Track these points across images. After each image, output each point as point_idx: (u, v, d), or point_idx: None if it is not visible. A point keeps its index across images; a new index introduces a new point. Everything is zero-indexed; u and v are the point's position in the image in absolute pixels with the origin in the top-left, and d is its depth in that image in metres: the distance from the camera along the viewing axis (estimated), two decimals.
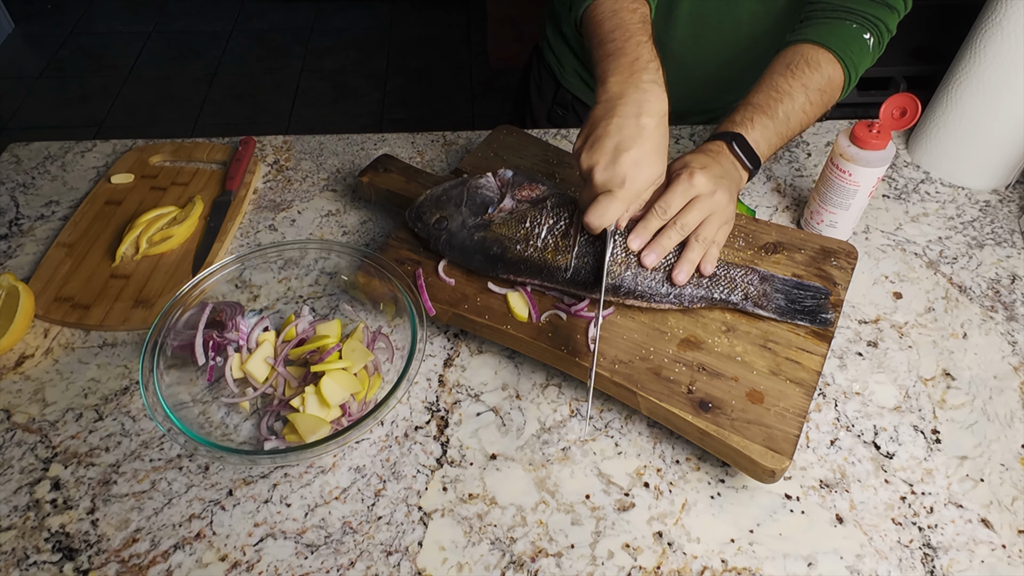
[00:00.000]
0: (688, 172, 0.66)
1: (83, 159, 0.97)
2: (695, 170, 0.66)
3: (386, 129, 2.45)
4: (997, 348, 0.76)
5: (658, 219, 0.66)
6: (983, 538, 0.61)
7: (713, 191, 0.66)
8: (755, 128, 0.73)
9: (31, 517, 0.61)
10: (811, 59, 0.77)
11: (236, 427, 0.66)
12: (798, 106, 0.75)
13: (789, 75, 0.76)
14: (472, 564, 0.59)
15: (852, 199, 0.79)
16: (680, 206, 0.66)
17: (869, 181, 0.77)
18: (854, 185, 0.77)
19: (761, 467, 0.58)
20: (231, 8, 3.20)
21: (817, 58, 0.77)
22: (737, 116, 0.75)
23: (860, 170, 0.76)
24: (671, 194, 0.65)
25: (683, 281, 0.66)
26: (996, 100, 0.86)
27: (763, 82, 0.77)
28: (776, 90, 0.75)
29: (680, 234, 0.66)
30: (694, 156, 0.70)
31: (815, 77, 0.76)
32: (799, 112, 0.76)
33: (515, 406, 0.70)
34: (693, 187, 0.65)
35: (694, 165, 0.67)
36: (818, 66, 0.77)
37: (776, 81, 0.76)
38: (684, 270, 0.66)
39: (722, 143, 0.73)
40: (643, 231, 0.66)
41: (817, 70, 0.77)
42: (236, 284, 0.78)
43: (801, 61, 0.77)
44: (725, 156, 0.72)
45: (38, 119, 2.60)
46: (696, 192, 0.65)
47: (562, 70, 1.12)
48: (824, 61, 0.77)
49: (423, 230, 0.73)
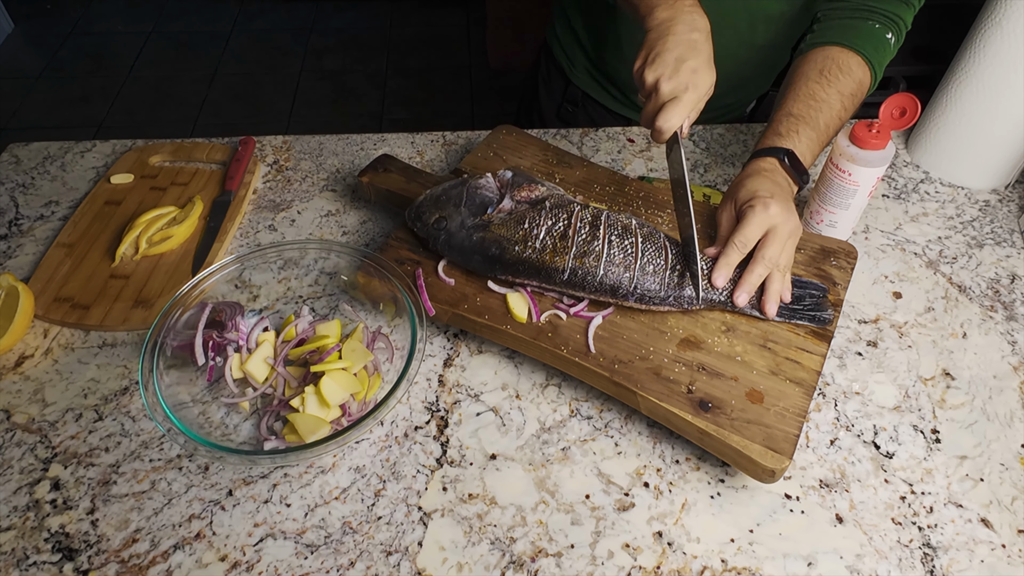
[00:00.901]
0: (762, 204, 0.67)
1: (83, 159, 0.97)
2: (768, 200, 0.67)
3: (386, 129, 2.45)
4: (997, 348, 0.76)
5: (738, 253, 0.67)
6: (983, 538, 0.61)
7: (787, 219, 0.67)
8: (801, 141, 0.74)
9: (31, 517, 0.61)
10: (842, 64, 0.78)
11: (236, 427, 0.66)
12: (835, 114, 0.77)
13: (824, 82, 0.77)
14: (472, 564, 0.59)
15: (852, 199, 0.79)
16: (758, 237, 0.67)
17: (869, 181, 0.77)
18: (854, 185, 0.77)
19: (761, 467, 0.58)
20: (231, 8, 3.20)
21: (848, 62, 0.78)
22: (782, 128, 0.75)
23: (860, 170, 0.76)
24: (748, 227, 0.67)
25: (772, 313, 0.67)
26: (996, 100, 0.86)
27: (798, 89, 0.78)
28: (814, 99, 0.76)
29: (766, 268, 0.67)
30: (757, 182, 0.70)
31: (848, 83, 0.77)
32: (836, 120, 0.77)
33: (515, 406, 0.70)
34: (769, 217, 0.67)
35: (763, 194, 0.68)
36: (849, 71, 0.78)
37: (813, 89, 0.77)
38: (773, 301, 0.67)
39: (774, 160, 0.74)
40: (725, 267, 0.67)
41: (849, 75, 0.78)
42: (236, 284, 0.78)
43: (833, 66, 0.78)
44: (780, 174, 0.73)
45: (38, 119, 2.60)
46: (772, 223, 0.67)
47: (572, 67, 1.12)
48: (855, 65, 0.78)
49: (422, 230, 0.73)
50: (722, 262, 0.67)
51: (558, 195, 0.72)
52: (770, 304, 0.67)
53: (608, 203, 0.81)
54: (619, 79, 1.07)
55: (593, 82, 1.10)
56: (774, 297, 0.67)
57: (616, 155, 0.98)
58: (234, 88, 2.76)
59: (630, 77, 1.06)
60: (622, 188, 0.83)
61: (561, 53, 1.13)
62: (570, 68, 1.12)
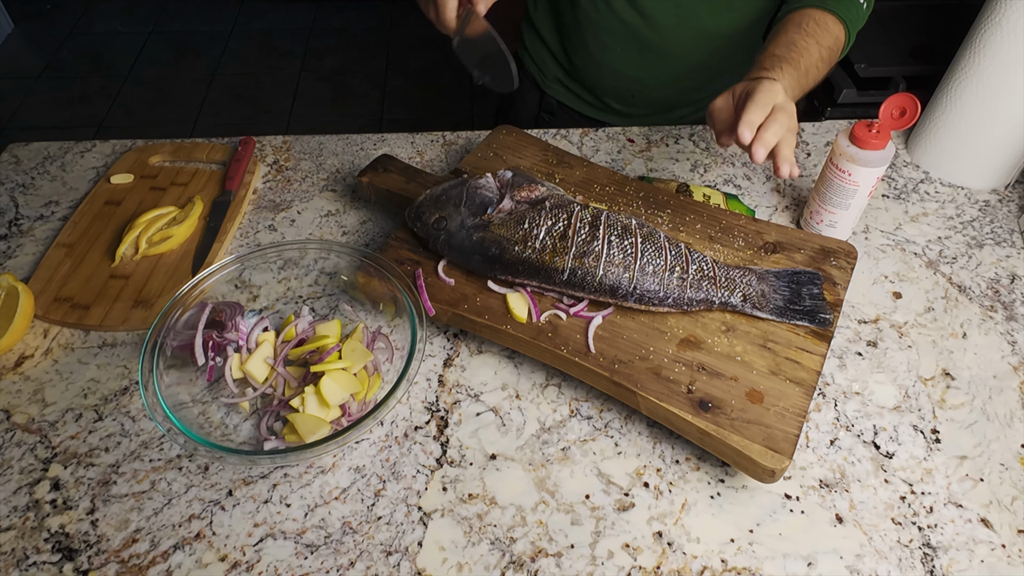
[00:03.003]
0: (769, 81, 0.68)
1: (83, 159, 0.97)
2: (774, 81, 0.68)
3: (386, 129, 2.45)
4: (997, 348, 0.76)
5: (761, 112, 0.65)
6: (983, 538, 0.61)
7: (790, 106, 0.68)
8: (785, 76, 0.74)
9: (31, 517, 0.61)
10: (819, 20, 0.80)
11: (236, 427, 0.66)
12: (814, 61, 0.78)
13: (804, 34, 0.79)
14: (472, 564, 0.59)
15: (852, 199, 0.79)
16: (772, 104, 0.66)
17: (869, 181, 0.77)
18: (854, 185, 0.77)
19: (761, 467, 0.58)
20: (231, 8, 3.20)
21: (824, 20, 0.80)
22: (766, 64, 0.76)
23: (860, 170, 0.76)
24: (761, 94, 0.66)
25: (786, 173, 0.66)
26: (996, 100, 0.86)
27: (779, 38, 0.79)
28: (795, 45, 0.77)
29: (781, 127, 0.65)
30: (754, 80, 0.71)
31: (826, 36, 0.79)
32: (815, 68, 0.78)
33: (515, 406, 0.70)
34: (776, 94, 0.67)
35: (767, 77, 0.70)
36: (826, 26, 0.80)
37: (792, 38, 0.78)
38: (787, 162, 0.66)
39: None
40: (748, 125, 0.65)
41: (826, 30, 0.80)
42: (236, 284, 0.78)
43: (811, 21, 0.80)
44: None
45: (38, 119, 2.60)
46: (778, 100, 0.67)
47: (544, 78, 1.13)
48: (831, 22, 0.81)
49: (422, 230, 0.73)
50: (745, 120, 0.65)
51: (558, 195, 0.72)
52: (785, 165, 0.66)
53: (608, 203, 0.81)
54: (592, 85, 1.08)
55: (566, 91, 1.12)
56: (789, 158, 0.67)
57: (616, 155, 0.98)
58: (234, 88, 2.76)
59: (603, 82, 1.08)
60: (622, 188, 0.83)
61: (532, 65, 1.14)
62: (542, 79, 1.13)
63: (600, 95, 1.09)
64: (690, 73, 1.03)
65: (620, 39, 1.00)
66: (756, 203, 0.91)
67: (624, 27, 0.98)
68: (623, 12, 0.96)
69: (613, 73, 1.04)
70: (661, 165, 0.97)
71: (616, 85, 1.06)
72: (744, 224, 0.78)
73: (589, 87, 1.09)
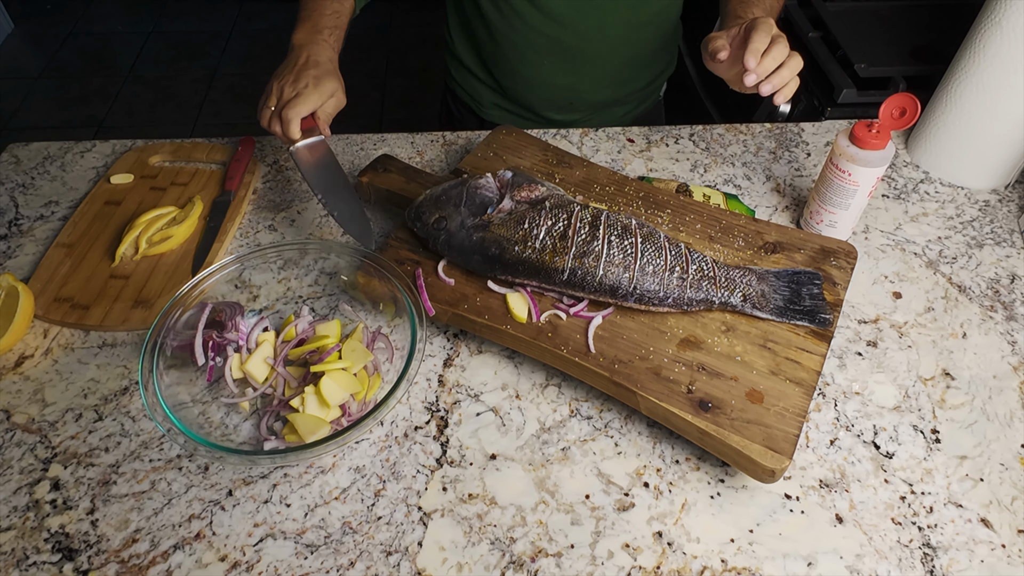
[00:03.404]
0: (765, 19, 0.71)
1: (83, 159, 0.97)
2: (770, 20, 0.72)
3: (385, 129, 2.45)
4: (996, 348, 0.76)
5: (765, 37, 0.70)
6: (983, 538, 0.61)
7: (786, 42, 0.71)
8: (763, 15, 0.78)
9: (31, 517, 0.61)
10: None
11: (236, 427, 0.66)
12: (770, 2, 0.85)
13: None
14: (472, 564, 0.59)
15: (851, 199, 0.79)
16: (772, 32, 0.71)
17: (868, 181, 0.77)
18: (853, 185, 0.77)
19: (761, 467, 0.58)
20: (231, 8, 3.20)
21: None
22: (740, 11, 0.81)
23: (859, 170, 0.76)
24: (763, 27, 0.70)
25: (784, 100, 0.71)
26: (996, 100, 0.86)
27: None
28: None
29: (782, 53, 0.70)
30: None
31: None
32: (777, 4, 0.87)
33: (515, 406, 0.70)
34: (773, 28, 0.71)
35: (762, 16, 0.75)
36: None
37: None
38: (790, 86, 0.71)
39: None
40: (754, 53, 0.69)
41: None
42: (236, 284, 0.78)
43: None
44: None
45: (38, 119, 2.60)
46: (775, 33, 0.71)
47: (480, 106, 1.14)
48: None
49: (422, 230, 0.73)
50: (751, 48, 0.69)
51: (558, 195, 0.72)
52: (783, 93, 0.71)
53: (608, 203, 0.81)
54: (529, 103, 1.09)
55: (505, 113, 1.12)
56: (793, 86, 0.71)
57: (616, 155, 0.98)
58: (234, 88, 2.76)
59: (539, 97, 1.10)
60: (622, 188, 0.83)
61: (466, 95, 1.15)
62: (479, 107, 1.14)
63: (539, 111, 1.09)
64: (622, 68, 1.04)
65: (546, 53, 1.00)
66: (756, 203, 0.91)
67: (547, 40, 0.98)
68: (542, 26, 0.96)
69: (547, 86, 1.05)
70: (661, 165, 0.97)
71: (552, 97, 1.07)
72: (744, 224, 0.78)
73: (526, 105, 1.09)
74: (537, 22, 0.96)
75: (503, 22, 0.99)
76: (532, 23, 0.97)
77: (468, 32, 1.07)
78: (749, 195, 0.92)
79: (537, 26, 0.97)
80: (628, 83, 1.09)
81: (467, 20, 1.05)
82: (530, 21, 0.96)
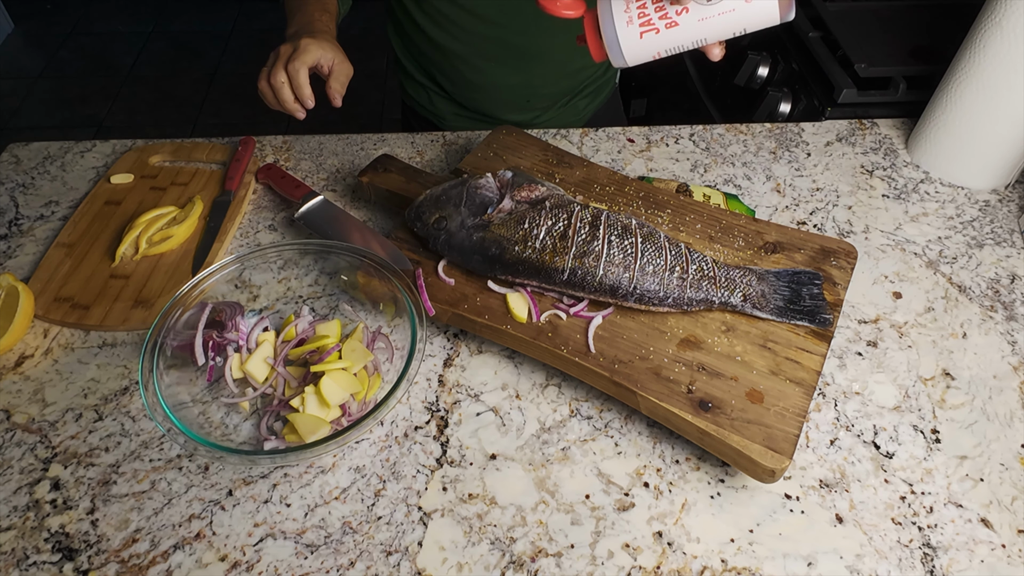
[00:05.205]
0: None
1: (83, 159, 0.97)
2: None
3: (386, 129, 2.45)
4: (997, 348, 0.76)
5: None
6: (983, 538, 0.61)
7: None
8: None
9: (31, 517, 0.61)
10: None
11: (236, 427, 0.66)
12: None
13: None
14: (472, 564, 0.59)
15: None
16: None
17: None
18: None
19: (761, 467, 0.58)
20: (231, 8, 3.20)
21: None
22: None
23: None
24: None
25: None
26: (996, 100, 0.86)
27: None
28: None
29: None
30: None
31: None
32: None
33: (515, 406, 0.70)
34: None
35: None
36: None
37: None
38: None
39: None
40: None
41: None
42: (236, 284, 0.78)
43: None
44: None
45: (38, 119, 2.60)
46: None
47: (442, 121, 1.13)
48: None
49: (422, 230, 0.73)
50: None
51: (558, 195, 0.72)
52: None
53: (608, 203, 0.81)
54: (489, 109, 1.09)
55: (465, 120, 1.12)
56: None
57: (616, 155, 0.98)
58: (234, 88, 2.76)
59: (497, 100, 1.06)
60: (622, 188, 0.83)
61: (426, 111, 1.14)
62: (441, 121, 1.14)
63: (498, 114, 1.09)
64: (572, 56, 1.03)
65: (493, 57, 1.00)
66: (756, 203, 0.91)
67: (491, 43, 0.98)
68: (483, 30, 0.96)
69: (501, 88, 1.05)
70: (661, 165, 0.97)
71: (510, 98, 1.07)
72: (744, 224, 0.78)
73: (484, 111, 1.09)
74: (474, 26, 0.96)
75: (441, 33, 0.98)
76: (470, 28, 0.96)
77: (413, 48, 1.07)
78: (749, 195, 0.92)
79: (476, 30, 0.96)
80: (580, 71, 1.08)
81: (408, 36, 1.05)
82: (467, 27, 0.96)
